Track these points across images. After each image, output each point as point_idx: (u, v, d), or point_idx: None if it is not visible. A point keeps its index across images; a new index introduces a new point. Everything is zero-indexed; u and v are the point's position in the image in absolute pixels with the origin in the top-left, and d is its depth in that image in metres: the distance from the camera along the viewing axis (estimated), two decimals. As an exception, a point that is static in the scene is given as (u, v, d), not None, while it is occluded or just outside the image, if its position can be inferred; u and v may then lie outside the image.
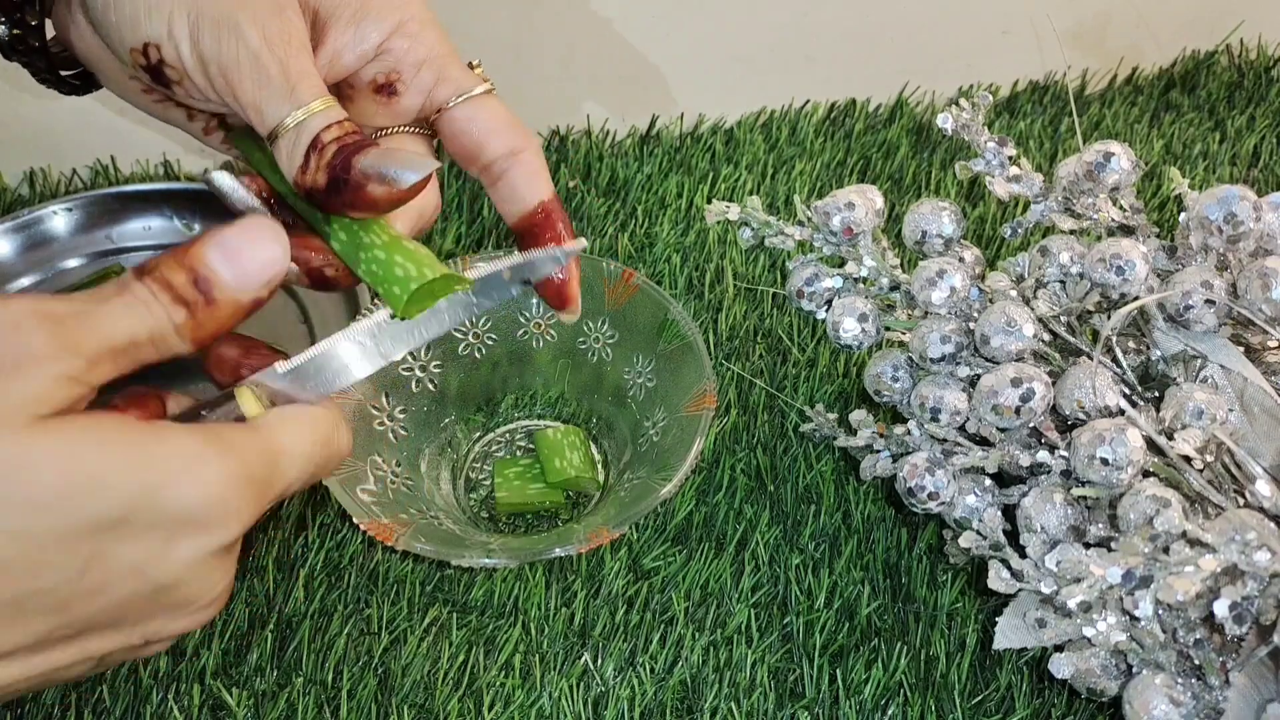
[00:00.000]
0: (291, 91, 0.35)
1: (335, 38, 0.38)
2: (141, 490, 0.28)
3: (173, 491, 0.28)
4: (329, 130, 0.35)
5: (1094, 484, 0.40)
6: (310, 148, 0.35)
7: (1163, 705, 0.38)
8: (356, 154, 0.35)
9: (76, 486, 0.27)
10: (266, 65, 0.35)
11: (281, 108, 0.35)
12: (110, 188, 0.61)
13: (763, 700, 0.44)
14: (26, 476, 0.26)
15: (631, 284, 0.51)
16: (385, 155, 0.35)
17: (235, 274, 0.32)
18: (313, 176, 0.35)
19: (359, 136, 0.36)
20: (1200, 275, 0.42)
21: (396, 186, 0.35)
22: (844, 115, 0.73)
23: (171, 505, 0.28)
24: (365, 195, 0.35)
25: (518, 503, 0.50)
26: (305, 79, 0.35)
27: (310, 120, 0.35)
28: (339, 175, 0.35)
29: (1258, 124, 0.72)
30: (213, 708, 0.43)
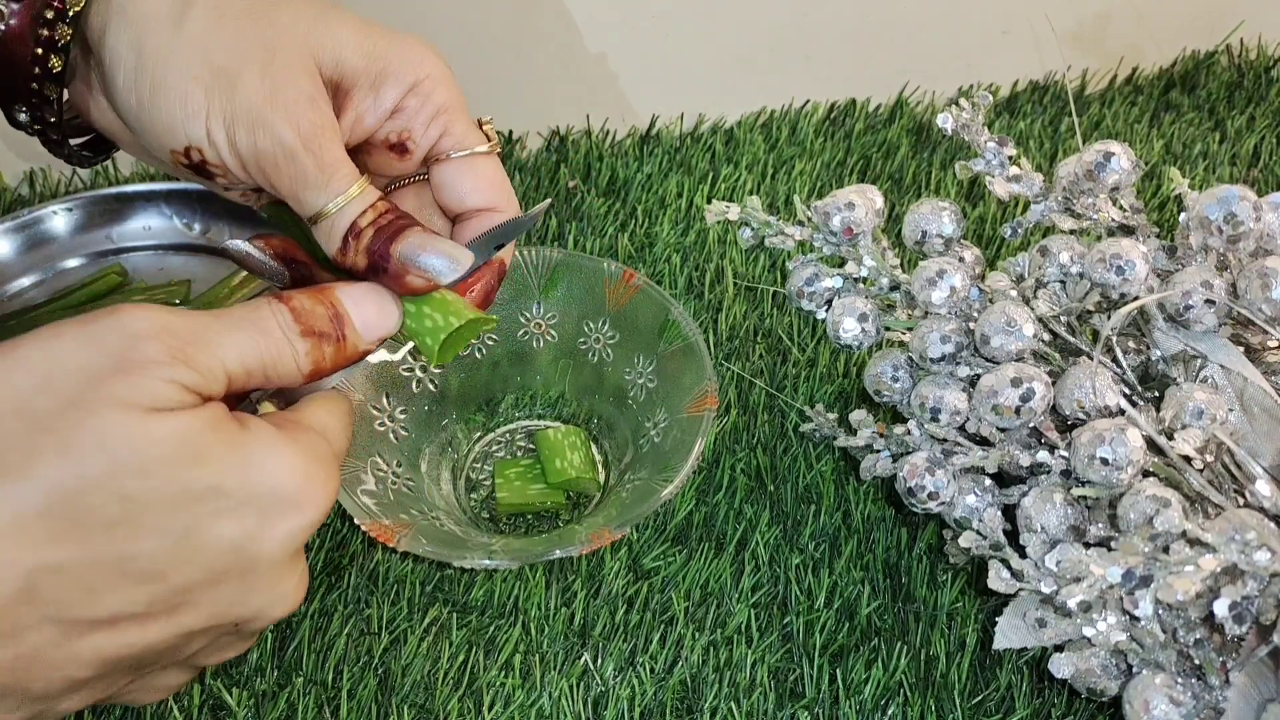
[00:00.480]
0: (328, 183, 0.37)
1: (356, 104, 0.39)
2: (237, 468, 0.30)
3: (265, 473, 0.31)
4: (364, 216, 0.38)
5: (1094, 484, 0.40)
6: (348, 232, 0.38)
7: (1163, 705, 0.38)
8: (393, 240, 0.37)
9: (177, 457, 0.29)
10: (302, 161, 0.37)
11: (320, 198, 0.37)
12: (110, 188, 0.61)
13: (763, 700, 0.44)
14: (136, 449, 0.28)
15: (632, 285, 0.51)
16: (420, 245, 0.38)
17: (363, 321, 0.35)
18: (353, 259, 0.38)
19: (393, 216, 0.38)
20: (1200, 275, 0.42)
21: (436, 281, 0.38)
22: (844, 115, 0.73)
23: (266, 485, 0.31)
24: (406, 285, 0.38)
25: (519, 503, 0.50)
26: (339, 168, 0.37)
27: (347, 207, 0.37)
28: (377, 262, 0.38)
29: (1258, 124, 0.72)
30: (213, 708, 0.43)
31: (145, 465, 0.29)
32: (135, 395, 0.29)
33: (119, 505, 0.28)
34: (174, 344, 0.30)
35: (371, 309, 0.36)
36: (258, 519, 0.31)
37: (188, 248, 0.61)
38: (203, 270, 0.60)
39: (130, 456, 0.28)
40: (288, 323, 0.33)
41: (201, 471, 0.29)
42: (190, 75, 0.36)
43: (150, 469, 0.29)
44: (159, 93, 0.36)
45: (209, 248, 0.61)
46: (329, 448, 0.33)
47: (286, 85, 0.37)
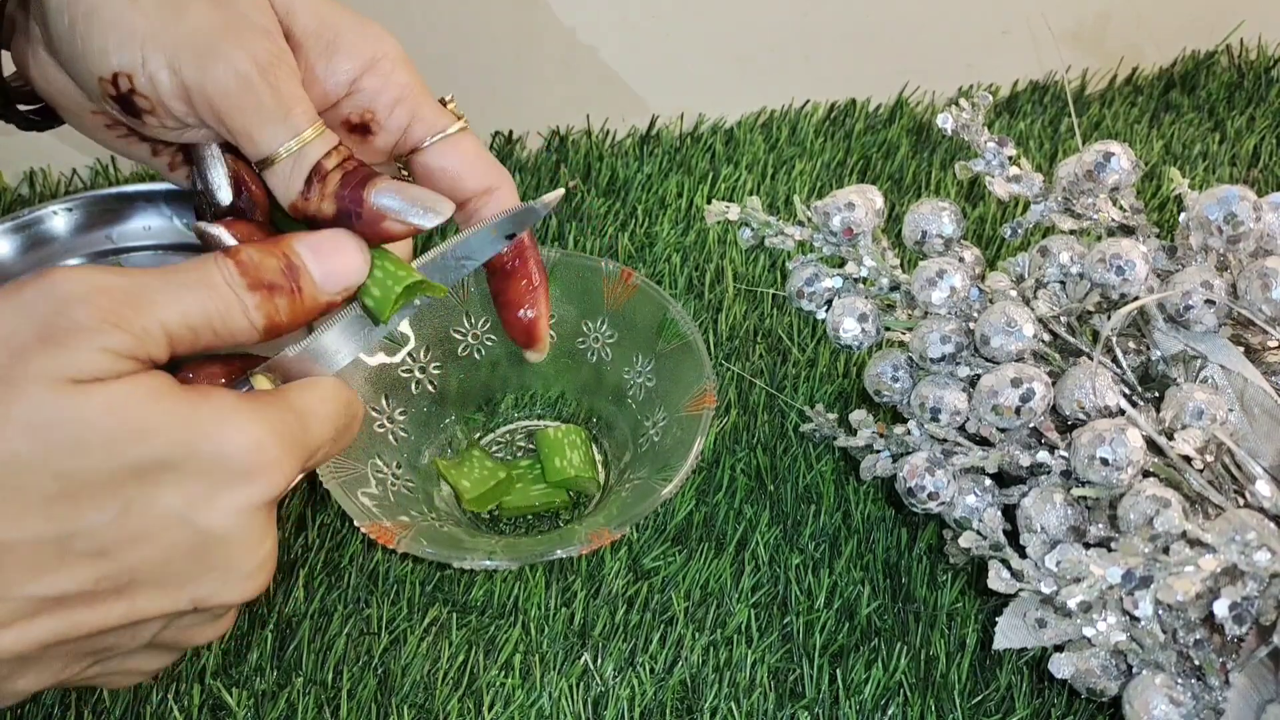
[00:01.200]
0: (286, 116, 0.35)
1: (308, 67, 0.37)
2: (184, 438, 0.29)
3: (215, 440, 0.29)
4: (329, 157, 0.35)
5: (1094, 484, 0.40)
6: (312, 174, 0.35)
7: (1163, 705, 0.38)
8: (364, 186, 0.35)
9: (114, 432, 0.28)
10: (259, 91, 0.34)
11: (277, 134, 0.35)
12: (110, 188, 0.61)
13: (763, 700, 0.44)
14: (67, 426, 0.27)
15: (631, 284, 0.51)
16: (396, 189, 0.35)
17: (322, 272, 0.33)
18: (317, 205, 0.35)
19: (357, 163, 0.36)
20: (1200, 275, 0.42)
21: (419, 226, 0.35)
22: (844, 115, 0.73)
23: (214, 453, 0.29)
24: (383, 231, 0.35)
25: (521, 505, 0.50)
26: (299, 104, 0.35)
27: (309, 147, 0.35)
28: (349, 208, 0.35)
29: (1258, 124, 0.72)
30: (213, 708, 0.43)
31: (79, 441, 0.27)
32: (62, 367, 0.27)
33: (55, 483, 0.27)
34: (106, 305, 0.28)
35: (334, 257, 0.33)
36: (204, 489, 0.29)
37: (188, 248, 0.61)
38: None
39: (61, 434, 0.27)
40: (233, 276, 0.31)
41: (142, 444, 0.28)
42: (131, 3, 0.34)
43: (85, 445, 0.27)
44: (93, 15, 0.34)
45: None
46: (301, 430, 0.32)
47: (240, 16, 0.34)
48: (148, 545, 0.29)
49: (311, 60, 0.37)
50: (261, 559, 0.31)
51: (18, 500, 0.27)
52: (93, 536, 0.28)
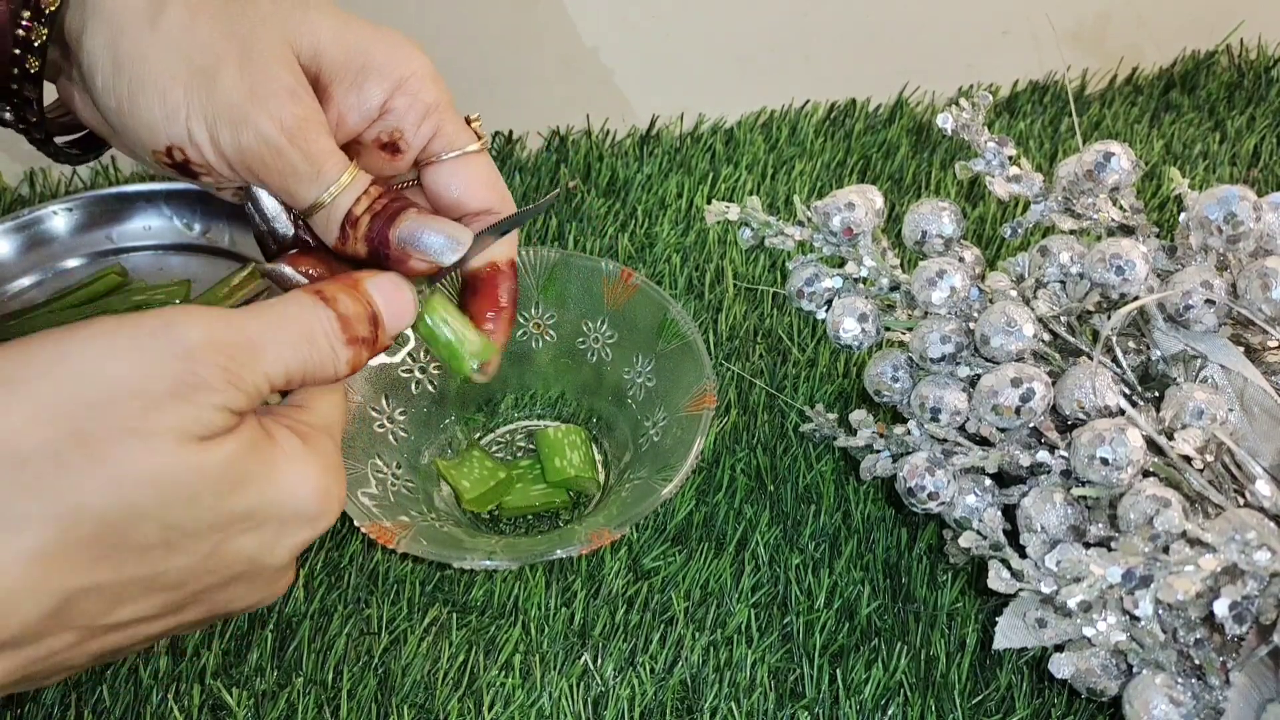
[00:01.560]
0: (318, 175, 0.37)
1: (339, 101, 0.39)
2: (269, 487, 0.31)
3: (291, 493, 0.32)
4: (359, 203, 0.38)
5: (1094, 484, 0.40)
6: (345, 220, 0.38)
7: (1163, 705, 0.38)
8: (390, 224, 0.37)
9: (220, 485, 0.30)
10: (288, 155, 0.36)
11: (311, 190, 0.37)
12: (110, 188, 0.61)
13: (763, 700, 0.44)
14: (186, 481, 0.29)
15: (631, 284, 0.51)
16: (418, 226, 0.38)
17: (390, 318, 0.35)
18: (353, 248, 0.38)
19: (387, 200, 0.38)
20: (1200, 275, 0.42)
21: (439, 263, 0.38)
22: (844, 115, 0.73)
23: (290, 505, 0.32)
24: (408, 268, 0.38)
25: (521, 505, 0.50)
26: (328, 159, 0.37)
27: (341, 196, 0.37)
28: (378, 248, 0.38)
29: (1258, 124, 0.72)
30: (213, 708, 0.43)
31: (193, 495, 0.29)
32: (189, 425, 0.29)
33: (161, 533, 0.29)
34: (226, 364, 0.30)
35: (396, 303, 0.36)
36: (276, 533, 0.32)
37: (188, 248, 0.61)
38: (203, 270, 0.60)
39: (180, 488, 0.29)
40: (334, 330, 0.33)
41: (240, 496, 0.30)
42: (168, 75, 0.35)
43: (197, 499, 0.29)
44: (137, 94, 0.36)
45: (209, 248, 0.61)
46: (335, 449, 0.34)
47: (266, 79, 0.36)
48: (216, 578, 0.31)
49: (343, 93, 0.39)
50: (290, 577, 0.34)
51: (126, 547, 0.29)
52: (176, 575, 0.30)
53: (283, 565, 0.33)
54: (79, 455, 0.28)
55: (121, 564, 0.29)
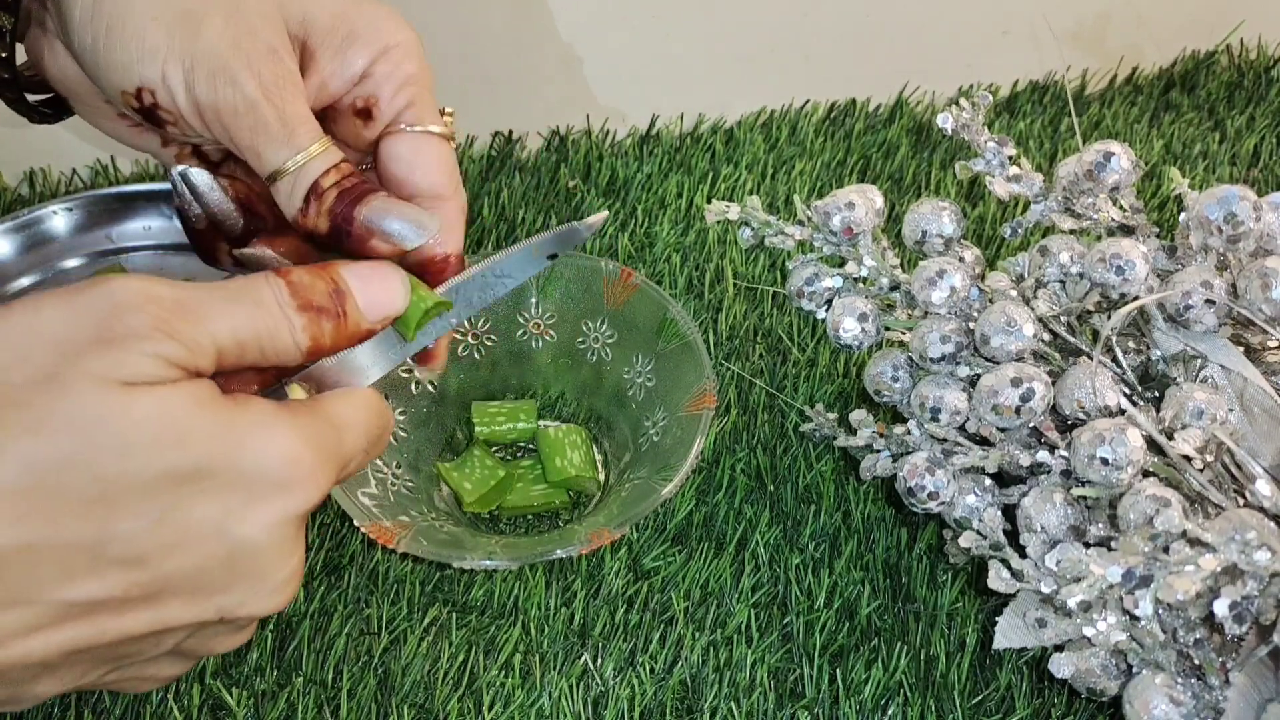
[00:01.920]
0: (289, 137, 0.36)
1: (323, 66, 0.38)
2: (224, 448, 0.29)
3: (253, 451, 0.29)
4: (327, 175, 0.37)
5: (1094, 484, 0.40)
6: (310, 192, 0.37)
7: (1163, 705, 0.38)
8: (357, 203, 0.37)
9: (158, 437, 0.28)
10: (264, 112, 0.36)
11: (280, 153, 0.36)
12: (110, 188, 0.61)
13: (763, 700, 0.44)
14: (113, 427, 0.27)
15: (631, 284, 0.51)
16: (385, 209, 0.37)
17: (366, 300, 0.34)
18: (314, 221, 0.37)
19: (356, 180, 0.37)
20: (1200, 275, 0.42)
21: (401, 246, 0.37)
22: (844, 115, 0.73)
23: (252, 464, 0.29)
24: (370, 249, 0.37)
25: (521, 505, 0.50)
26: (302, 124, 0.36)
27: (309, 165, 0.36)
28: (340, 225, 0.37)
29: (1258, 124, 0.72)
30: (213, 708, 0.43)
31: (123, 444, 0.27)
32: (113, 369, 0.27)
33: (95, 485, 0.27)
34: (159, 314, 0.28)
35: (377, 286, 0.34)
36: (241, 500, 0.29)
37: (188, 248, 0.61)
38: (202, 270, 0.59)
39: (107, 435, 0.27)
40: (284, 296, 0.32)
41: (183, 451, 0.28)
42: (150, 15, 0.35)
43: (129, 448, 0.27)
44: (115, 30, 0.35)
45: (209, 248, 0.61)
46: (337, 442, 0.32)
47: (250, 34, 0.36)
48: (181, 554, 0.29)
49: (328, 59, 0.38)
50: (291, 571, 0.31)
51: (56, 500, 0.27)
52: (128, 543, 0.28)
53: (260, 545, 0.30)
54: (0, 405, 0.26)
55: (58, 519, 0.27)
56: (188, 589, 0.29)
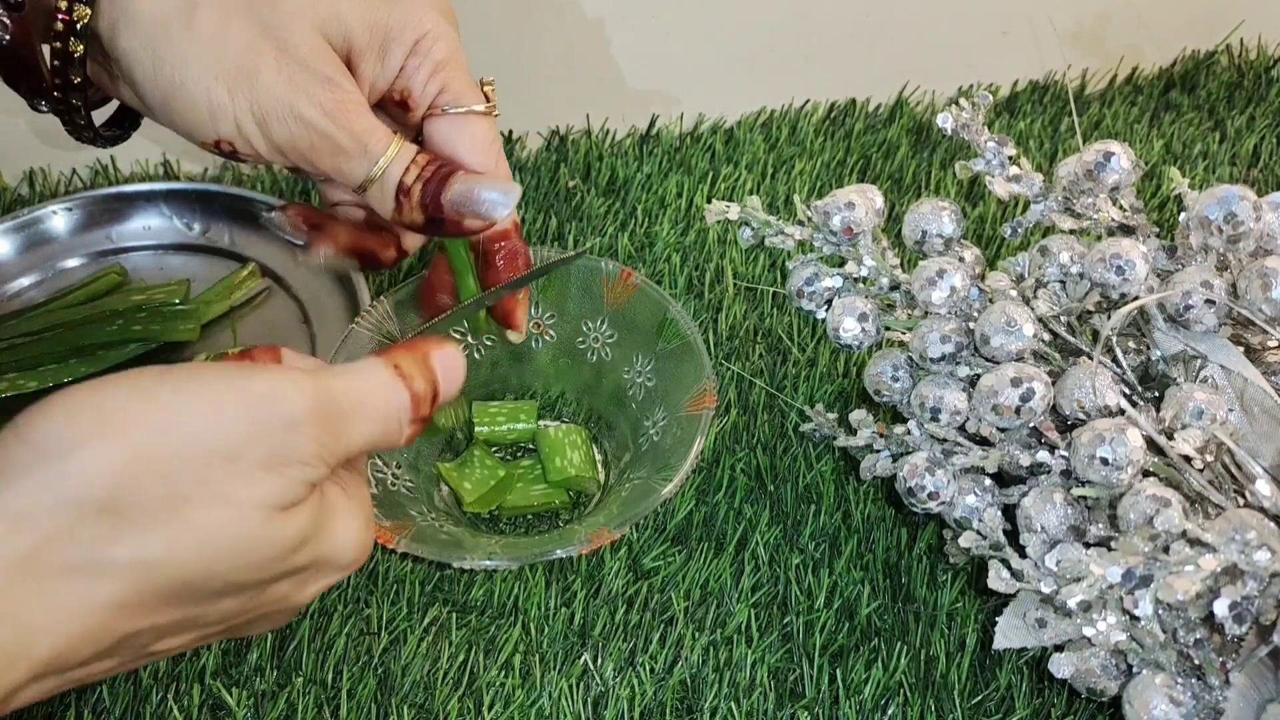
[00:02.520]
0: (365, 150, 0.40)
1: (365, 71, 0.41)
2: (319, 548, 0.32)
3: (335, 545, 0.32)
4: (408, 172, 0.40)
5: (1094, 484, 0.40)
6: (398, 192, 0.40)
7: (1163, 705, 0.38)
8: (441, 189, 0.40)
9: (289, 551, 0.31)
10: (335, 136, 0.39)
11: (360, 166, 0.40)
12: (110, 188, 0.61)
13: (763, 700, 0.44)
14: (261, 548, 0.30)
15: (631, 283, 0.51)
16: (469, 186, 0.40)
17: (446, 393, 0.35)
18: (410, 216, 0.41)
19: (436, 166, 0.41)
20: (1200, 275, 0.42)
21: (490, 220, 0.41)
22: (844, 115, 0.73)
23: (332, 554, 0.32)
24: (464, 228, 0.41)
25: (521, 505, 0.50)
26: (372, 135, 0.40)
27: (390, 168, 0.40)
28: (434, 214, 0.40)
29: (1258, 124, 0.72)
30: (213, 708, 0.43)
31: (263, 561, 0.30)
32: (276, 497, 0.30)
33: (223, 587, 0.30)
34: (321, 439, 0.30)
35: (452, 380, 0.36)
36: (312, 578, 0.33)
37: (187, 247, 0.61)
38: (202, 270, 0.60)
39: (255, 555, 0.30)
40: (407, 412, 0.34)
41: (297, 556, 0.31)
42: (210, 76, 0.37)
43: (266, 564, 0.30)
44: (180, 94, 0.38)
45: (209, 247, 0.61)
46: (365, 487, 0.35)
47: (304, 71, 0.38)
48: (248, 616, 0.32)
49: (370, 65, 0.41)
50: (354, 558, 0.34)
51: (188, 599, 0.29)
52: (220, 614, 0.31)
53: (306, 603, 0.34)
54: (169, 512, 0.28)
55: (181, 608, 0.30)
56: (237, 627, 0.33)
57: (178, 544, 0.28)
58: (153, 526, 0.28)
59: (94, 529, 0.27)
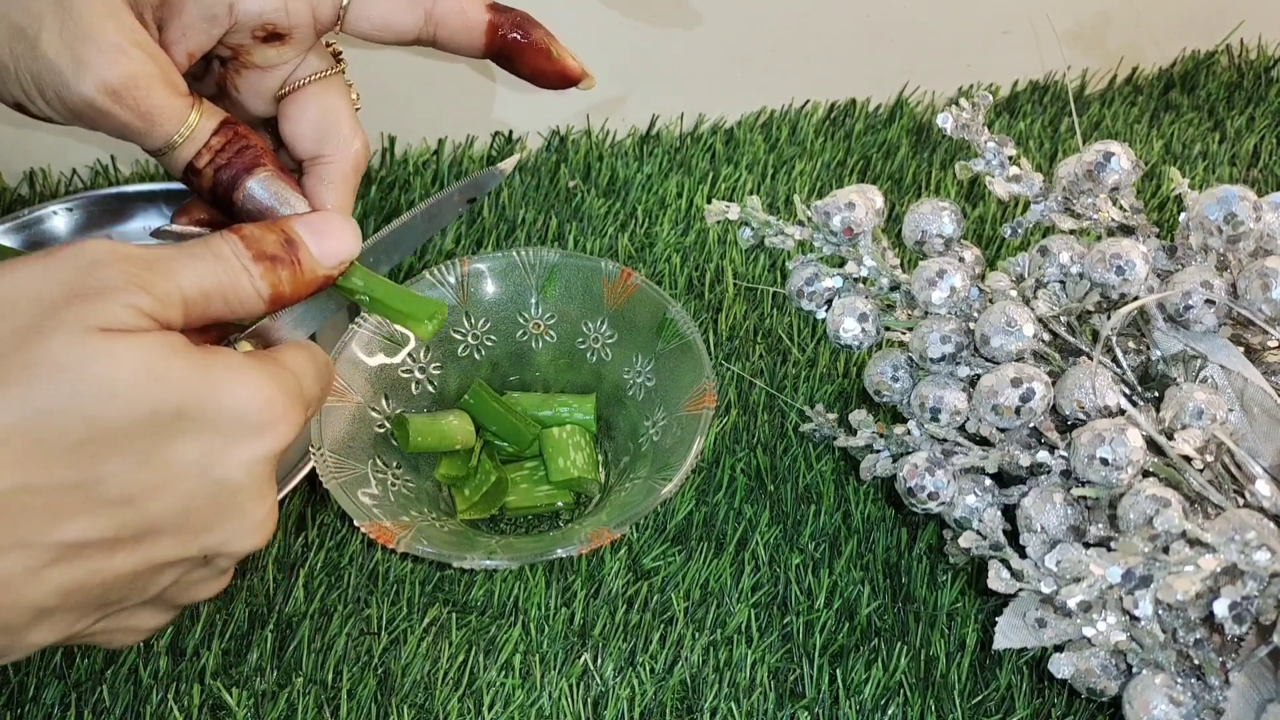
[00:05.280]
0: (151, 131, 0.38)
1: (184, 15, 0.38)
2: (201, 391, 0.30)
3: (230, 395, 0.31)
4: (199, 157, 0.39)
5: (1094, 484, 0.40)
6: (187, 171, 0.39)
7: (1163, 705, 0.38)
8: (235, 182, 0.39)
9: (140, 380, 0.29)
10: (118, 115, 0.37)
11: (152, 141, 0.38)
12: (110, 188, 0.61)
13: (763, 700, 0.44)
14: (94, 371, 0.28)
15: (630, 284, 0.51)
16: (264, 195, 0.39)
17: (319, 247, 0.35)
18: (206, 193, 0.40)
19: (233, 153, 0.39)
20: (1200, 275, 0.42)
21: None
22: (844, 115, 0.73)
23: (230, 408, 0.31)
24: None
25: (525, 505, 0.50)
26: (161, 114, 0.38)
27: (181, 150, 0.39)
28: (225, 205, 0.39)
29: (1258, 124, 0.72)
30: (213, 708, 0.43)
31: (107, 386, 0.29)
32: (92, 318, 0.29)
33: (82, 427, 0.28)
34: (130, 270, 0.30)
35: (329, 234, 0.36)
36: (221, 441, 0.31)
37: (187, 248, 0.61)
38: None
39: (91, 378, 0.28)
40: (239, 248, 0.33)
41: (164, 392, 0.29)
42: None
43: (113, 390, 0.29)
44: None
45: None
46: (299, 387, 0.33)
47: (89, 39, 0.36)
48: (167, 494, 0.30)
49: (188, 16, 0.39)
50: (268, 509, 0.33)
51: (46, 446, 0.28)
52: (115, 484, 0.29)
53: (240, 484, 0.31)
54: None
55: (50, 463, 0.28)
56: (174, 528, 0.31)
57: (3, 382, 0.28)
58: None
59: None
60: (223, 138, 0.39)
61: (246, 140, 0.39)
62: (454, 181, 0.66)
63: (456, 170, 0.67)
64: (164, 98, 0.37)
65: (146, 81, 0.37)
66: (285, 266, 0.34)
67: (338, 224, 0.36)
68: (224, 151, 0.39)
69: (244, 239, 0.34)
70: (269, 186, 0.39)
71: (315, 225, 0.36)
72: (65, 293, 0.29)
